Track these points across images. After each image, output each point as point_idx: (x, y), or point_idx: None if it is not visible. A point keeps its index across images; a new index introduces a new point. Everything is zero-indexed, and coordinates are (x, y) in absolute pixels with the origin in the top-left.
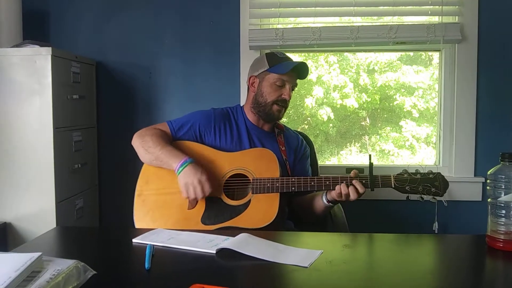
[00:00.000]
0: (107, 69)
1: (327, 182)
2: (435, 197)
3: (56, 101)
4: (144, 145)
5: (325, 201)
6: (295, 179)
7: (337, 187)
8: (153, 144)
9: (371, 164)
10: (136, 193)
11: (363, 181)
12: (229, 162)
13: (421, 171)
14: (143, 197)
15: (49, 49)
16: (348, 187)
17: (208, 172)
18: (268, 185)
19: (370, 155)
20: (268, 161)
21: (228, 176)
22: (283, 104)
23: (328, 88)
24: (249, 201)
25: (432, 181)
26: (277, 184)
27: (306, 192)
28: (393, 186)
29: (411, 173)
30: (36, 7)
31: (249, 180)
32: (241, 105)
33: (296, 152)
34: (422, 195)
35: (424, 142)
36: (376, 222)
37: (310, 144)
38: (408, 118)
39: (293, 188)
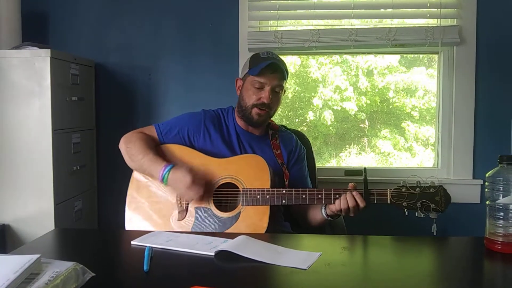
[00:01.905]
0: (106, 70)
1: (319, 196)
2: (434, 212)
3: (55, 103)
4: (128, 151)
5: (324, 214)
6: (286, 191)
7: (336, 202)
8: (136, 151)
9: (365, 179)
10: (128, 200)
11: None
12: (219, 170)
13: (421, 183)
14: (134, 205)
15: (48, 51)
16: (347, 201)
17: (192, 169)
18: (258, 197)
19: (365, 168)
20: (259, 170)
21: (218, 185)
22: (263, 107)
23: (330, 86)
24: (239, 213)
25: (432, 196)
26: (267, 197)
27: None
28: (389, 202)
29: (410, 186)
30: (35, 9)
31: (239, 190)
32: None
33: (291, 155)
34: (420, 212)
35: (423, 145)
36: (375, 224)
37: (306, 144)
38: (409, 120)
39: (283, 201)
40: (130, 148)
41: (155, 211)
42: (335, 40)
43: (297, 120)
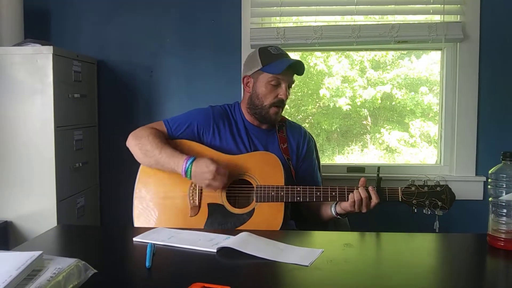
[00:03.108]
0: (108, 67)
1: (333, 193)
2: (441, 210)
3: (57, 99)
4: (141, 147)
5: (333, 212)
6: (300, 188)
7: (350, 196)
8: (151, 147)
9: (379, 178)
10: (135, 195)
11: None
12: (232, 166)
13: (428, 183)
14: (143, 201)
15: (50, 48)
16: (360, 193)
17: (212, 157)
18: (273, 193)
19: (378, 167)
20: (272, 167)
21: (230, 182)
22: (280, 104)
23: (336, 76)
24: (253, 209)
25: (439, 195)
26: (282, 193)
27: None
28: (400, 200)
29: (419, 185)
30: (37, 5)
31: (253, 186)
32: (240, 101)
33: (299, 146)
34: (428, 209)
35: (426, 141)
36: (377, 221)
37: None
38: (413, 116)
39: (298, 198)
40: (143, 144)
41: (167, 207)
42: (338, 36)
43: (299, 116)
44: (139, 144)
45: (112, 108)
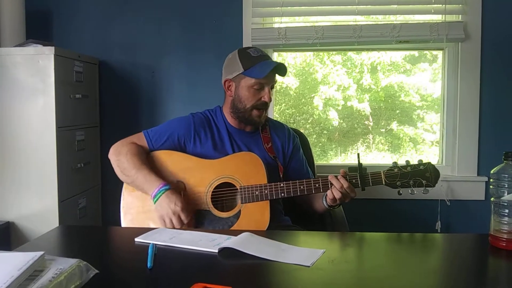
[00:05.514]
0: (110, 68)
1: (317, 185)
2: (427, 188)
3: (59, 100)
4: (119, 165)
5: (325, 204)
6: (283, 184)
7: (328, 193)
8: (128, 165)
9: (360, 164)
10: (122, 211)
11: (353, 181)
12: (214, 171)
13: (411, 162)
14: (130, 215)
15: (52, 49)
16: (338, 189)
17: (186, 198)
18: (257, 193)
19: (358, 154)
20: (254, 166)
21: (214, 186)
22: (263, 107)
23: (332, 86)
24: (240, 211)
25: (423, 173)
26: (266, 192)
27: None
28: (383, 183)
29: (401, 166)
30: (39, 6)
31: (237, 188)
32: (221, 106)
33: (285, 145)
34: (413, 188)
35: (428, 141)
36: (379, 221)
37: (304, 142)
38: (415, 116)
39: (282, 194)
40: (121, 161)
41: (154, 219)
42: (339, 36)
43: (301, 117)
44: (118, 161)
45: (113, 108)
